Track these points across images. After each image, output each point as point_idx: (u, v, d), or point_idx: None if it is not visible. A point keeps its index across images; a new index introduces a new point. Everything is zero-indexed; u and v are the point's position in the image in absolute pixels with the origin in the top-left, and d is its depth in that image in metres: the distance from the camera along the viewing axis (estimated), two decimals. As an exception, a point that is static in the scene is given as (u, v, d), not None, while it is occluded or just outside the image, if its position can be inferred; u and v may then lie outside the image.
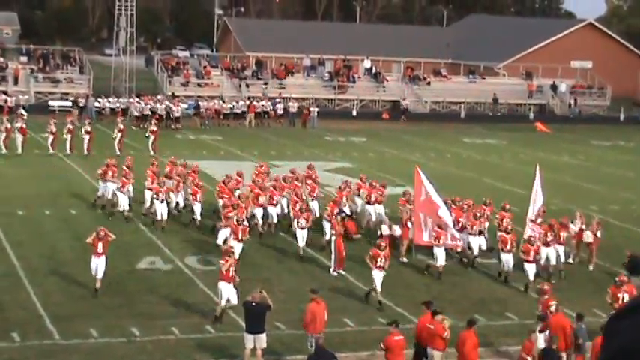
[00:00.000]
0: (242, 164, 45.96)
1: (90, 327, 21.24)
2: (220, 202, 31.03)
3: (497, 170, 47.60)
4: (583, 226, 28.73)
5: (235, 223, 26.99)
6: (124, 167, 34.35)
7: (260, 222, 30.89)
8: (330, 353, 17.71)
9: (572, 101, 77.02)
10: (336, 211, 29.48)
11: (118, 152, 46.60)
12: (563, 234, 28.00)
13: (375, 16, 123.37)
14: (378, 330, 21.64)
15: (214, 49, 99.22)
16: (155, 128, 49.33)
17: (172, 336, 21.02)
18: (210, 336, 21.13)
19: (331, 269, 26.39)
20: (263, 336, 19.28)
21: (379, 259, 23.69)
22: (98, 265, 23.44)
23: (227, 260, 21.96)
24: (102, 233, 24.01)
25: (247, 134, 58.67)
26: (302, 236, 28.01)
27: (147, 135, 49.08)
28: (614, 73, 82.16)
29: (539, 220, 28.80)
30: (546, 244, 27.14)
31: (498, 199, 36.26)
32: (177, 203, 33.01)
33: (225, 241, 27.02)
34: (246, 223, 27.48)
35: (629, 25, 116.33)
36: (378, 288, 23.48)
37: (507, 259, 26.42)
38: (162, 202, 31.15)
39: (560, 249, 27.60)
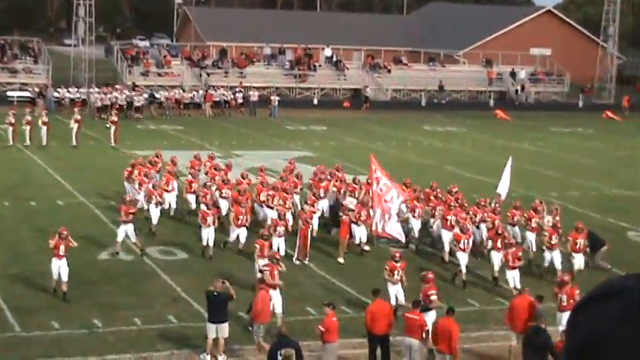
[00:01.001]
0: (203, 154, 45.92)
1: (51, 319, 21.15)
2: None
3: (457, 157, 47.83)
4: (544, 213, 28.87)
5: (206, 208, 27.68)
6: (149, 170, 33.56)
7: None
8: (293, 341, 17.76)
9: (518, 88, 77.42)
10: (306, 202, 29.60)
11: (75, 143, 46.39)
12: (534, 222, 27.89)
13: (335, 5, 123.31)
14: (341, 318, 21.73)
15: (174, 39, 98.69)
16: (116, 119, 49.09)
17: (134, 327, 20.98)
18: (172, 326, 21.10)
19: (294, 258, 26.40)
20: (225, 325, 19.30)
21: (395, 273, 22.58)
22: (61, 268, 22.58)
23: (271, 267, 21.50)
24: (64, 233, 23.24)
25: (208, 124, 58.53)
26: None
27: (107, 126, 48.81)
28: (573, 60, 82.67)
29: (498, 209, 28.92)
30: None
31: (459, 186, 36.49)
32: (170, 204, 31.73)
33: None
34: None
35: (587, 12, 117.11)
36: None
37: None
38: (157, 205, 29.36)
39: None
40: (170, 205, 31.46)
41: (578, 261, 25.53)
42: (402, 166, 43.49)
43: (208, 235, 26.77)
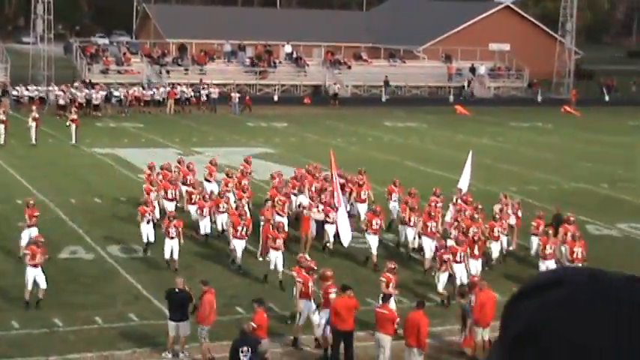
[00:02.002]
0: (164, 151, 45.82)
1: (11, 319, 21.00)
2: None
3: (418, 153, 48.01)
4: (505, 207, 29.00)
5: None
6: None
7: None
8: (255, 338, 17.76)
9: (465, 83, 77.68)
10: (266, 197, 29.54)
11: (34, 142, 46.07)
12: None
13: (295, 2, 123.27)
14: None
15: (134, 36, 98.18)
16: (75, 116, 48.78)
17: (95, 325, 20.88)
18: (133, 324, 21.03)
19: (258, 254, 26.35)
20: (186, 323, 19.27)
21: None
22: (37, 276, 21.81)
23: (305, 278, 20.81)
24: (41, 240, 22.60)
25: (169, 121, 58.33)
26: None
27: (67, 124, 48.48)
28: (532, 55, 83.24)
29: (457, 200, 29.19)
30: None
31: (420, 181, 36.70)
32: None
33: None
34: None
35: (545, 7, 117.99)
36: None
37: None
38: (148, 222, 26.92)
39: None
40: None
41: None
42: (364, 162, 43.48)
43: (172, 247, 25.41)
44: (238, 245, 25.52)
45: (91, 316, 21.28)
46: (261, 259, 26.22)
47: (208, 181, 32.99)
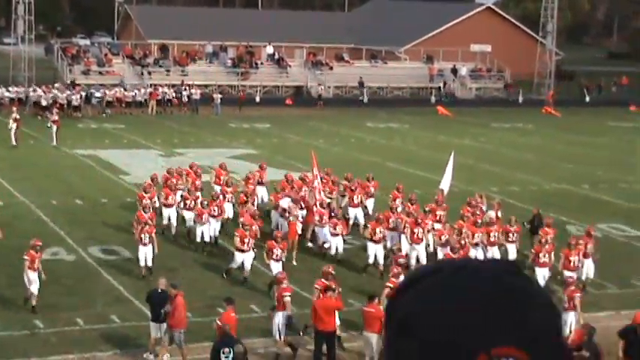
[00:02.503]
0: (145, 152, 45.79)
1: (-9, 321, 20.94)
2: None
3: (400, 154, 48.07)
4: (484, 207, 29.05)
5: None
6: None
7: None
8: (236, 339, 17.77)
9: (441, 85, 77.65)
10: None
11: (15, 143, 45.89)
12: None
13: (276, 2, 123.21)
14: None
15: (115, 37, 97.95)
16: (56, 117, 48.62)
17: (76, 327, 20.83)
18: (115, 326, 20.99)
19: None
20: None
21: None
22: (35, 281, 21.75)
23: (323, 284, 20.25)
24: (39, 245, 22.45)
25: (150, 122, 58.21)
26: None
27: (48, 125, 48.30)
28: (513, 56, 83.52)
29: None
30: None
31: (402, 182, 36.73)
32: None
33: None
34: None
35: (526, 8, 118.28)
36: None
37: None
38: (145, 245, 24.89)
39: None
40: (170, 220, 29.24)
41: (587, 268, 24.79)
42: (346, 164, 43.59)
43: (146, 254, 24.62)
44: (241, 258, 24.49)
45: (72, 318, 21.23)
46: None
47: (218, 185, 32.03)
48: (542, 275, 23.38)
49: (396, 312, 1.82)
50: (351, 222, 29.08)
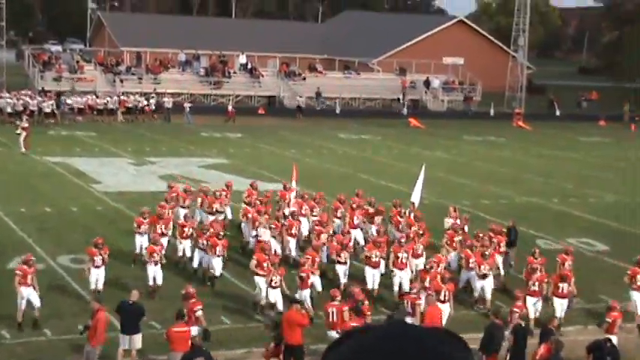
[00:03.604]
0: (117, 160, 45.58)
1: (-42, 330, 20.73)
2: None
3: (372, 165, 48.12)
4: (458, 221, 29.01)
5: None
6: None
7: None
8: (206, 351, 17.69)
9: (400, 95, 77.45)
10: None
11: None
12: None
13: (250, 12, 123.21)
14: (254, 327, 21.81)
15: (88, 44, 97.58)
16: (27, 124, 48.31)
17: (43, 337, 20.66)
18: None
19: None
20: (138, 337, 19.14)
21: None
22: (30, 295, 21.42)
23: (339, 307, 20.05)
24: (32, 259, 22.14)
25: (122, 130, 57.97)
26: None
27: (18, 132, 47.96)
28: (485, 69, 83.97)
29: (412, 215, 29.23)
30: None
31: (374, 194, 36.76)
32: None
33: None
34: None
35: (498, 22, 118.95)
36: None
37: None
38: (156, 264, 24.11)
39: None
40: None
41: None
42: (319, 175, 43.68)
43: (155, 273, 23.95)
44: (262, 283, 23.18)
45: (39, 328, 21.05)
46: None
47: (248, 204, 30.32)
48: (532, 303, 22.49)
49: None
50: (351, 243, 27.04)
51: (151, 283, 23.83)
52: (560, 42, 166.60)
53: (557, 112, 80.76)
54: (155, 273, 23.88)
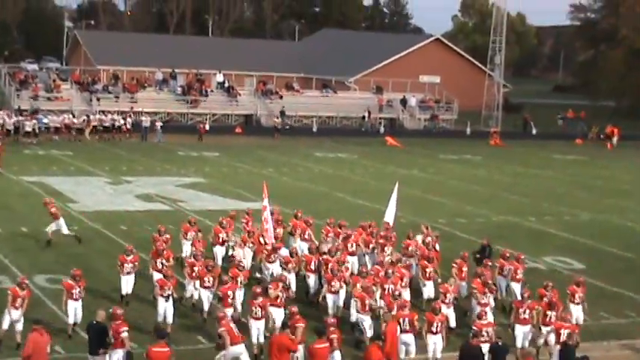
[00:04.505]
0: (93, 180, 45.46)
1: None
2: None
3: (348, 184, 48.21)
4: (428, 239, 28.97)
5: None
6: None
7: None
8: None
9: (366, 114, 77.24)
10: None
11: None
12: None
13: (227, 30, 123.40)
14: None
15: (64, 63, 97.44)
16: (0, 143, 48.13)
17: (18, 358, 20.54)
18: (59, 357, 20.74)
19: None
20: (102, 358, 18.94)
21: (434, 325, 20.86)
22: (17, 319, 21.14)
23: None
24: (25, 283, 21.78)
25: (98, 149, 57.82)
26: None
27: (-7, 151, 47.76)
28: (461, 87, 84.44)
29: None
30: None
31: (350, 212, 36.87)
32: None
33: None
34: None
35: (475, 41, 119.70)
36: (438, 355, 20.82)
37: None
38: (167, 298, 22.59)
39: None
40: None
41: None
42: (295, 193, 43.76)
43: (165, 308, 22.49)
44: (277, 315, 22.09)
45: (14, 348, 20.94)
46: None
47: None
48: (522, 332, 21.74)
49: None
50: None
51: (160, 319, 22.26)
52: (536, 60, 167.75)
53: (534, 131, 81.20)
54: (166, 309, 22.30)
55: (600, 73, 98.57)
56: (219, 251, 28.34)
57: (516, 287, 24.88)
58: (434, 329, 20.71)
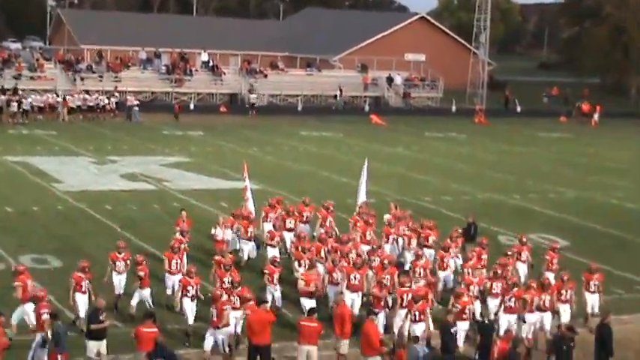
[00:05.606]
0: (78, 159, 45.34)
1: None
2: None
3: (333, 163, 48.17)
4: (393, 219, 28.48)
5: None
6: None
7: None
8: (169, 350, 17.69)
9: (338, 93, 77.32)
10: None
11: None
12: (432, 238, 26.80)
13: (211, 9, 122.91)
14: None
15: (48, 42, 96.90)
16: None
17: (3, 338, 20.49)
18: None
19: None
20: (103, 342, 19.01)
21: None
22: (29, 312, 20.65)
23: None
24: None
25: (83, 129, 57.61)
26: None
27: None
28: (446, 65, 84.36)
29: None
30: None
31: (335, 191, 36.93)
32: None
33: None
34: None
35: (460, 18, 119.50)
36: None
37: None
38: (193, 299, 21.29)
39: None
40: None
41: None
42: (279, 172, 43.74)
43: (192, 310, 21.20)
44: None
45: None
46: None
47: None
48: (506, 320, 21.10)
49: None
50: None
51: (191, 322, 21.02)
52: (520, 38, 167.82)
53: (518, 109, 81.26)
54: (193, 310, 21.11)
55: (585, 50, 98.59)
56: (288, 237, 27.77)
57: (550, 275, 24.51)
58: (413, 318, 20.37)
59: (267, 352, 18.97)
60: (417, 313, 20.38)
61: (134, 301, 21.97)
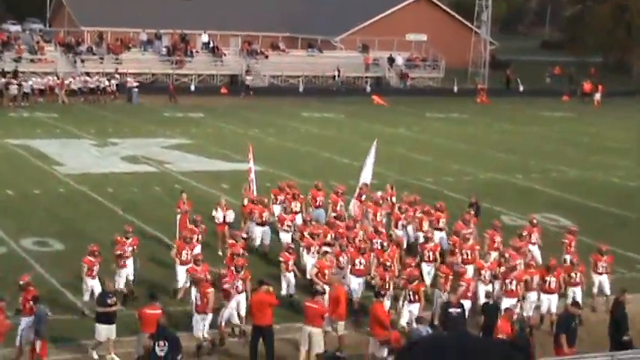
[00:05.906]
0: (79, 142, 45.27)
1: None
2: None
3: (335, 144, 48.04)
4: (393, 199, 28.59)
5: None
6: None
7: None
8: (171, 332, 17.63)
9: (336, 73, 77.12)
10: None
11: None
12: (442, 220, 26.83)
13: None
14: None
15: (48, 24, 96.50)
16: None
17: (7, 321, 20.44)
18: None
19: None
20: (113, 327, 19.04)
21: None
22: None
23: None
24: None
25: (83, 111, 57.51)
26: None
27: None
28: (448, 45, 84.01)
29: (363, 197, 28.71)
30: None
31: (337, 172, 36.88)
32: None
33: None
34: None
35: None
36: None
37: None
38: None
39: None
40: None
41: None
42: (281, 154, 43.66)
43: (239, 301, 20.63)
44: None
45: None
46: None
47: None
48: (508, 304, 20.59)
49: None
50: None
51: (235, 320, 20.57)
52: (522, 16, 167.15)
53: (521, 88, 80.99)
54: (240, 303, 20.54)
55: (587, 29, 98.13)
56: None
57: (568, 258, 24.28)
58: (410, 297, 20.42)
59: (270, 332, 18.99)
60: (411, 292, 20.35)
61: (120, 284, 21.84)
